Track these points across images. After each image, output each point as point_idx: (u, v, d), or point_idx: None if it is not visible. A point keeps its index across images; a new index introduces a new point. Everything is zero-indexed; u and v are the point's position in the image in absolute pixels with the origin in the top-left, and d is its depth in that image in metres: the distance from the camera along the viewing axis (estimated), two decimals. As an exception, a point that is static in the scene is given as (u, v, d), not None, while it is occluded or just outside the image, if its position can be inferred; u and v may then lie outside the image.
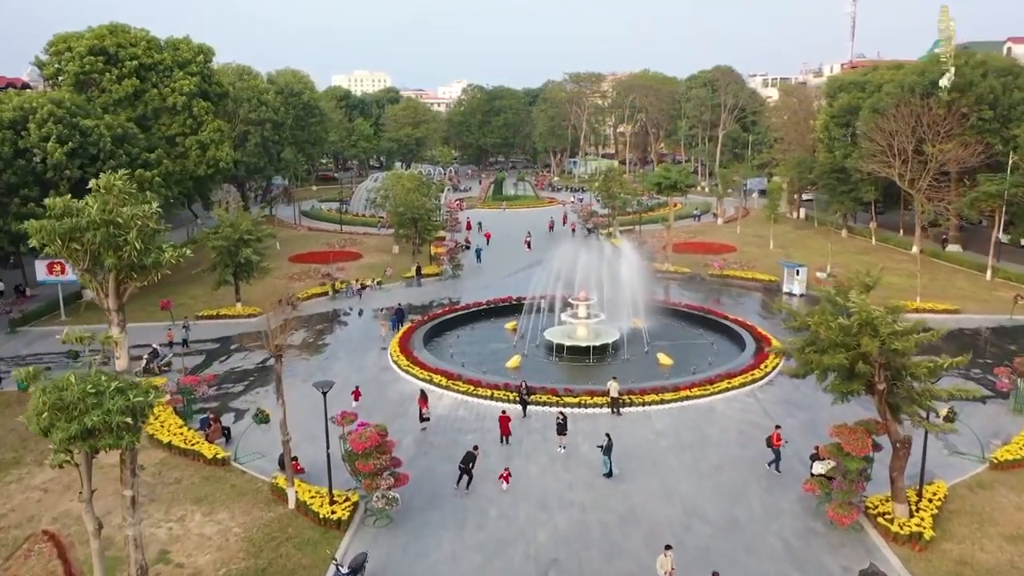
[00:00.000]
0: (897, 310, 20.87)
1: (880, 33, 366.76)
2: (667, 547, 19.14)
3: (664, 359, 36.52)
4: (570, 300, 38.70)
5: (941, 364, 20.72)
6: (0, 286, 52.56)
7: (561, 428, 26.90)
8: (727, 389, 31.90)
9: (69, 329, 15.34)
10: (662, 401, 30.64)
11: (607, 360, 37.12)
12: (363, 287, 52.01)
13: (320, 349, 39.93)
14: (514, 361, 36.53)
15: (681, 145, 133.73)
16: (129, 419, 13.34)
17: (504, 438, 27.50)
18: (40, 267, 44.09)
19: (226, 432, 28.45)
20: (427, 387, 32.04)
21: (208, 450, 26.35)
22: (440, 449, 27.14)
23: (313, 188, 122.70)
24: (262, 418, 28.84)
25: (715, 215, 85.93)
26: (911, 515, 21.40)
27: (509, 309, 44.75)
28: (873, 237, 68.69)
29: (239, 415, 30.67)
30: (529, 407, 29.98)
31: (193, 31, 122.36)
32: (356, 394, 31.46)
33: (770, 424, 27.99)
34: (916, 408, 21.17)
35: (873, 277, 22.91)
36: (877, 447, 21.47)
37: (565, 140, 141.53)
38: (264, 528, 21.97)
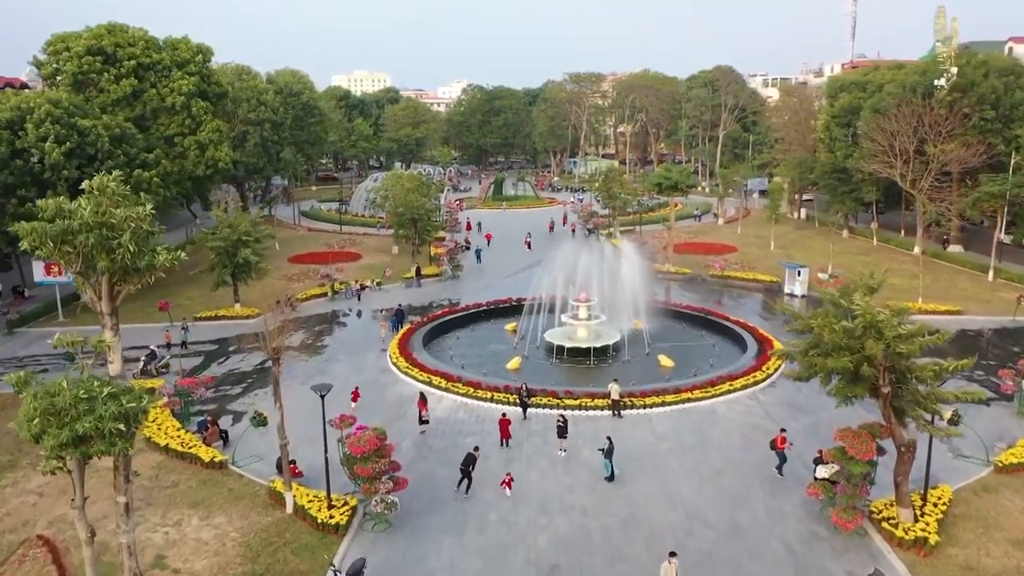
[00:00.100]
0: (903, 312, 20.62)
1: (880, 33, 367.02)
2: (671, 554, 18.89)
3: (665, 361, 36.32)
4: (571, 301, 38.50)
5: (946, 367, 20.51)
6: (-2, 287, 52.44)
7: (562, 431, 26.65)
8: (729, 391, 31.66)
9: (61, 333, 15.07)
10: (663, 403, 30.39)
11: (608, 362, 36.91)
12: (362, 288, 51.78)
13: (319, 350, 39.70)
14: (514, 363, 36.31)
15: (681, 145, 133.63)
16: (122, 425, 13.05)
17: (504, 441, 27.24)
18: (38, 268, 43.87)
19: (224, 435, 28.21)
20: (427, 389, 31.76)
21: (205, 453, 26.11)
22: (439, 452, 26.90)
23: (313, 188, 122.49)
24: (260, 421, 28.57)
25: (716, 215, 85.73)
26: (916, 520, 21.15)
27: (509, 310, 44.55)
28: (874, 238, 68.48)
29: (237, 418, 30.43)
30: (529, 409, 29.74)
31: (193, 31, 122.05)
32: (355, 395, 31.25)
33: (772, 427, 27.80)
34: (921, 412, 20.96)
35: (877, 279, 22.66)
36: (881, 451, 21.25)
37: (565, 140, 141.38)
38: (261, 533, 21.73)
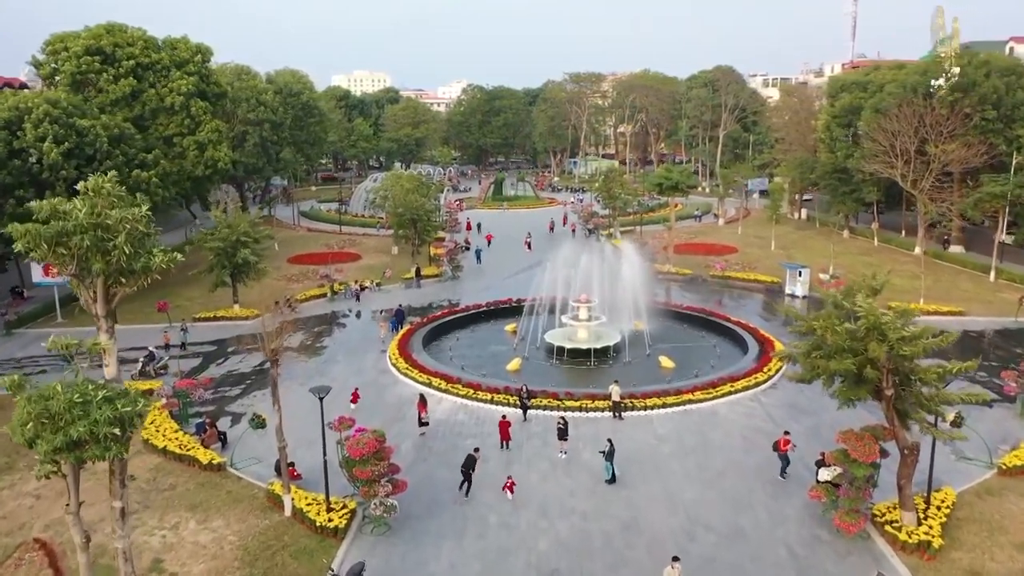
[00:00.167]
0: (907, 314, 20.43)
1: (881, 33, 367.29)
2: (674, 558, 18.72)
3: (666, 362, 36.14)
4: (571, 302, 38.32)
5: (950, 369, 20.33)
6: (-4, 288, 52.22)
7: (562, 433, 26.45)
8: (730, 393, 31.47)
9: (55, 336, 14.89)
10: (664, 405, 30.21)
11: (608, 363, 36.73)
12: (362, 288, 51.60)
13: (318, 351, 39.52)
14: (514, 364, 36.13)
15: (682, 145, 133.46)
16: (117, 430, 12.87)
17: (504, 443, 27.06)
18: (37, 269, 43.62)
19: (222, 437, 28.03)
20: (426, 391, 31.56)
21: (204, 455, 25.92)
22: (439, 455, 26.72)
23: (312, 188, 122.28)
24: (258, 423, 28.38)
25: (716, 216, 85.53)
26: (919, 523, 20.97)
27: (509, 311, 44.37)
28: (875, 238, 68.30)
29: (236, 419, 30.24)
30: (530, 411, 29.56)
31: (193, 31, 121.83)
32: (355, 396, 31.08)
33: (774, 428, 27.65)
34: (924, 414, 20.78)
35: (880, 281, 22.49)
36: (884, 453, 21.07)
37: (565, 140, 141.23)
38: (259, 536, 21.55)
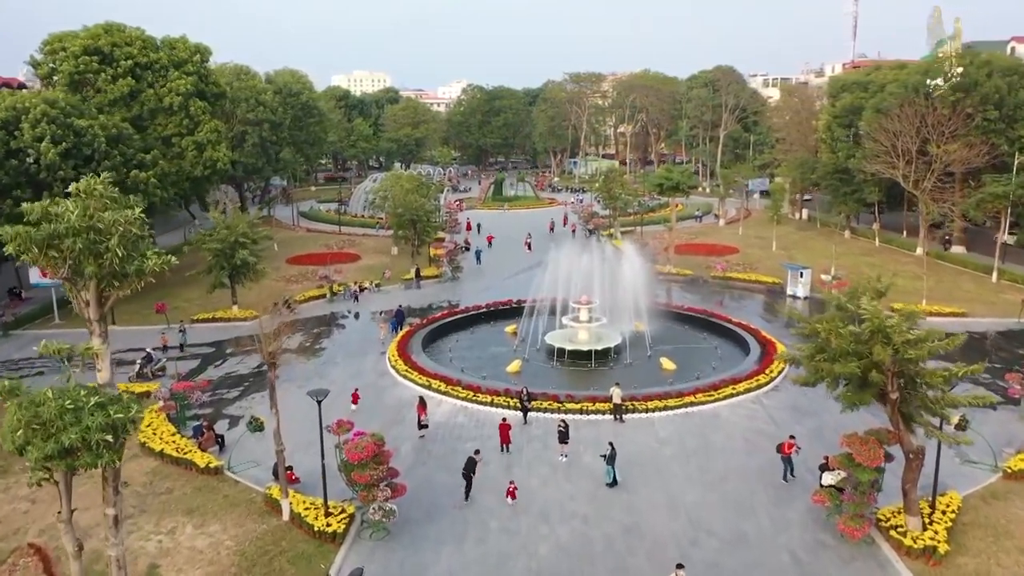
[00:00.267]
0: (913, 317, 20.17)
1: (881, 33, 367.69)
2: (679, 566, 18.48)
3: (667, 363, 35.90)
4: (571, 303, 38.08)
5: (956, 372, 20.08)
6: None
7: (563, 436, 26.16)
8: (732, 395, 31.22)
9: (46, 341, 14.63)
10: (666, 407, 29.95)
11: (609, 364, 36.49)
12: (361, 289, 51.35)
13: (317, 353, 39.28)
14: (514, 366, 35.89)
15: (682, 145, 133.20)
16: (109, 436, 12.62)
17: (504, 446, 26.81)
18: (34, 269, 43.38)
19: (220, 440, 27.80)
20: (426, 393, 31.32)
21: (201, 459, 25.67)
22: (439, 458, 26.47)
23: (312, 189, 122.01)
24: (256, 426, 28.17)
25: (717, 216, 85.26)
26: (924, 528, 20.73)
27: (509, 312, 44.13)
28: (876, 238, 68.06)
29: (234, 422, 30.03)
30: (530, 414, 29.31)
31: (192, 31, 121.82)
32: (355, 398, 30.85)
33: (776, 431, 27.43)
34: (929, 417, 20.53)
35: (884, 283, 22.23)
36: (889, 457, 20.81)
37: (565, 140, 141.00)
38: (257, 541, 21.30)
